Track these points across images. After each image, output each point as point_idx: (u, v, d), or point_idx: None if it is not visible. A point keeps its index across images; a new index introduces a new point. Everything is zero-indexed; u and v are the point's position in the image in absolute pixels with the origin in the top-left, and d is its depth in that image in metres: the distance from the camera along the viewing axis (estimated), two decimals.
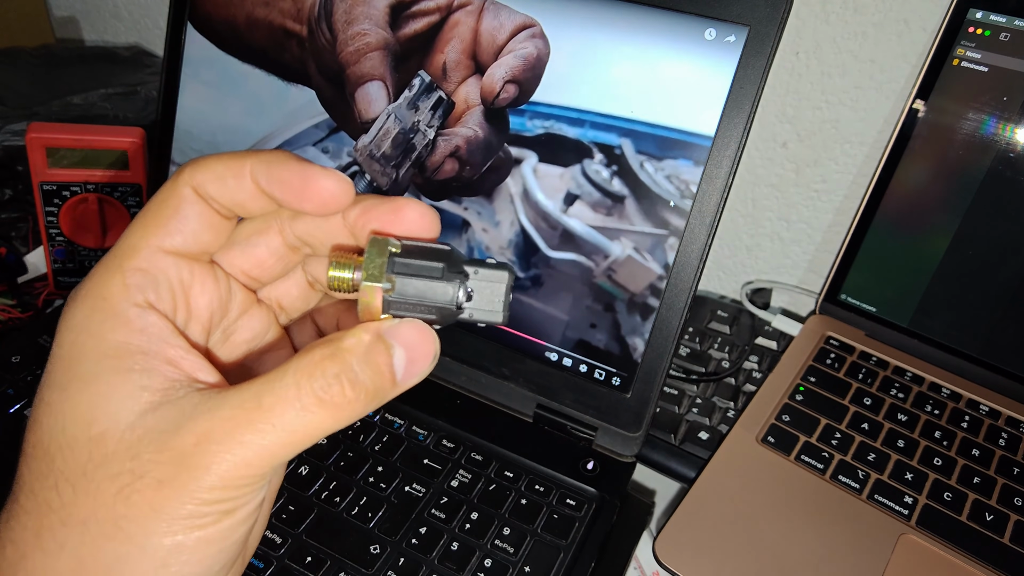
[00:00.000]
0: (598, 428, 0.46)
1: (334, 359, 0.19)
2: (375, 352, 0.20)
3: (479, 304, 0.21)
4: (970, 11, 0.49)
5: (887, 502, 0.44)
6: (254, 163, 0.21)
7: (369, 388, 0.20)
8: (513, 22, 0.43)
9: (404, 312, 0.21)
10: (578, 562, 0.40)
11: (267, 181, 0.21)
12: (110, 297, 0.20)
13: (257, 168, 0.21)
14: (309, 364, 0.19)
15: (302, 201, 0.21)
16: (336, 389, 0.19)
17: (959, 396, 0.51)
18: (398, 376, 0.20)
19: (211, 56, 0.52)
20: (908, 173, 0.53)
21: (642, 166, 0.43)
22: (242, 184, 0.21)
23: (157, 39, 0.88)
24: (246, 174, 0.21)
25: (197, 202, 0.21)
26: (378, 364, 0.20)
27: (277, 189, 0.21)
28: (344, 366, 0.19)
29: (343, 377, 0.19)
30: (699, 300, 0.63)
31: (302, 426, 0.19)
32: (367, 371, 0.20)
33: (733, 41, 0.39)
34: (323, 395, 0.19)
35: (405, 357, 0.20)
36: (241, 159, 0.21)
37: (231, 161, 0.21)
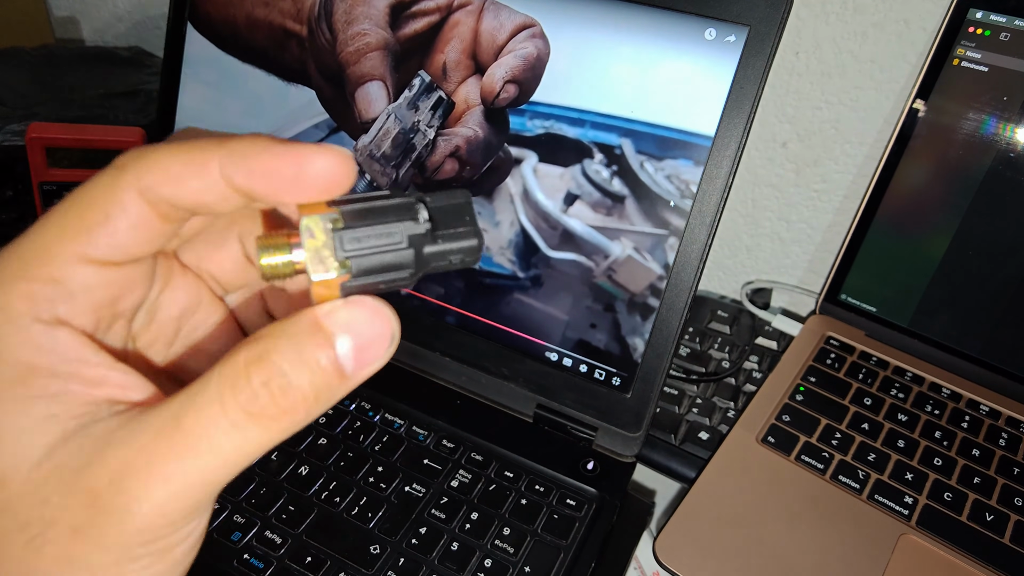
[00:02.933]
0: (598, 428, 0.46)
1: (260, 363, 0.16)
2: (310, 347, 0.16)
3: (450, 245, 0.18)
4: (970, 11, 0.49)
5: (887, 502, 0.44)
6: (223, 156, 0.17)
7: (308, 392, 0.16)
8: (513, 22, 0.43)
9: (364, 290, 0.18)
10: (578, 562, 0.40)
11: (245, 176, 0.17)
12: (9, 310, 0.16)
13: (229, 162, 0.17)
14: (232, 372, 0.16)
15: (296, 193, 0.17)
16: (265, 400, 0.16)
17: (959, 396, 0.51)
18: (347, 369, 0.17)
19: (211, 56, 0.52)
20: (908, 173, 0.53)
21: (642, 166, 0.43)
22: (207, 183, 0.17)
23: (157, 39, 0.88)
24: (213, 170, 0.17)
25: (139, 207, 0.17)
26: (316, 361, 0.16)
27: (260, 184, 0.17)
28: (273, 370, 0.16)
29: (272, 384, 0.16)
30: (699, 300, 0.63)
31: (233, 447, 0.16)
32: (303, 372, 0.16)
33: (733, 41, 0.39)
34: (252, 408, 0.16)
35: (352, 345, 0.17)
36: (204, 152, 0.17)
37: (190, 155, 0.17)
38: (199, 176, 0.17)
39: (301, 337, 0.16)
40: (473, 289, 0.48)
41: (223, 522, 0.40)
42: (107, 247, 0.17)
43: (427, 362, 0.50)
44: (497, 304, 0.47)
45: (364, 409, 0.47)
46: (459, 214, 0.18)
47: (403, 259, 0.17)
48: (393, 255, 0.17)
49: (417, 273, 0.18)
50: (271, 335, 0.16)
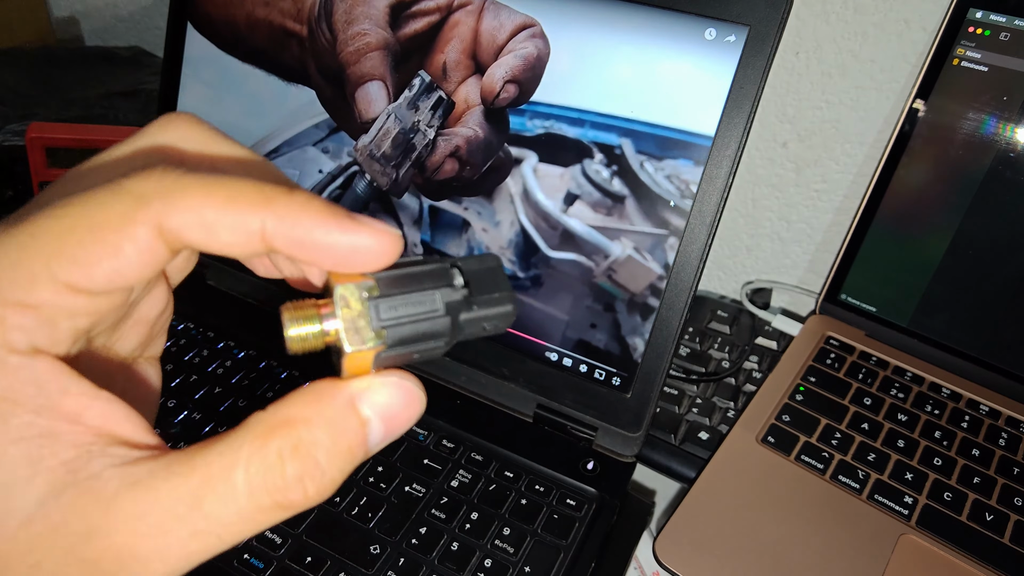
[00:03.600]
0: (598, 428, 0.46)
1: (296, 455, 0.15)
2: (347, 435, 0.16)
3: (485, 313, 0.18)
4: (970, 11, 0.49)
5: (887, 502, 0.44)
6: (269, 219, 0.16)
7: (337, 478, 0.16)
8: (513, 22, 0.43)
9: (399, 360, 0.17)
10: (578, 562, 0.40)
11: (292, 245, 0.16)
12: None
13: (275, 226, 0.16)
14: (265, 464, 0.15)
15: (339, 267, 0.16)
16: (298, 493, 0.15)
17: (959, 396, 0.51)
18: (371, 448, 0.16)
19: (211, 56, 0.52)
20: (908, 173, 0.53)
21: (642, 166, 0.43)
22: (242, 239, 0.16)
23: (157, 39, 0.88)
24: (252, 226, 0.16)
25: (154, 245, 0.16)
26: (350, 447, 0.16)
27: (305, 255, 0.16)
28: (309, 465, 0.15)
29: (307, 479, 0.15)
30: (699, 300, 0.63)
31: (250, 531, 0.15)
32: (336, 462, 0.16)
33: (733, 41, 0.39)
34: (282, 500, 0.15)
35: (383, 428, 0.16)
36: (247, 209, 0.16)
37: (231, 208, 0.16)
38: (236, 230, 0.16)
39: (337, 425, 0.16)
40: None
41: None
42: (104, 280, 0.16)
43: (427, 362, 0.50)
44: None
45: None
46: (493, 279, 0.18)
47: (440, 328, 0.17)
48: (430, 323, 0.17)
49: (452, 341, 0.17)
50: (305, 419, 0.15)
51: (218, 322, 0.52)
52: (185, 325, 0.52)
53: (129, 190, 0.16)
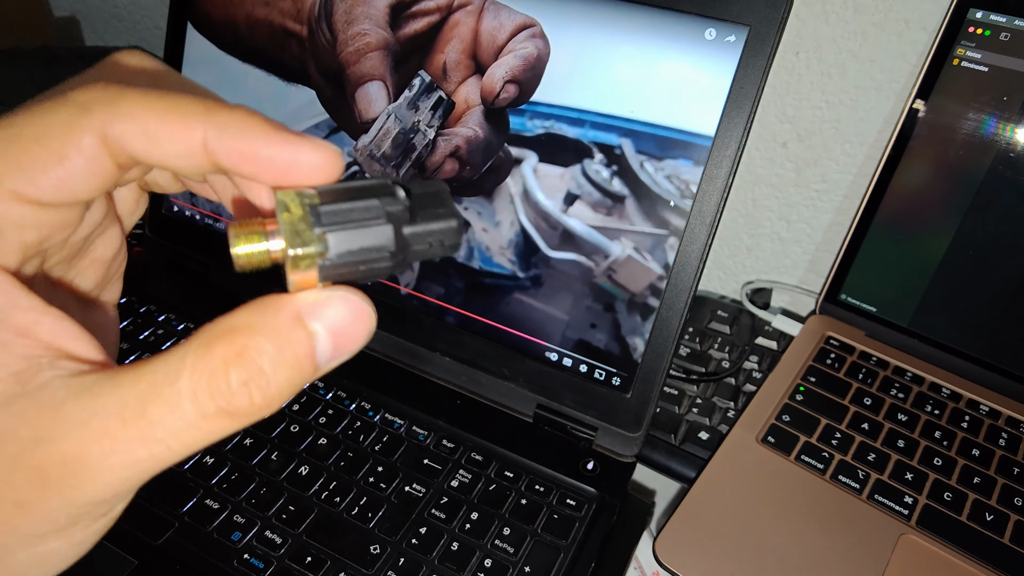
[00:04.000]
0: (598, 428, 0.46)
1: (241, 362, 0.15)
2: (293, 345, 0.16)
3: (428, 228, 0.17)
4: (970, 11, 0.49)
5: (887, 502, 0.44)
6: (211, 130, 0.16)
7: (285, 389, 0.16)
8: (513, 22, 0.43)
9: (345, 272, 0.17)
10: (578, 562, 0.40)
11: (235, 156, 0.16)
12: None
13: (218, 137, 0.16)
14: (208, 366, 0.15)
15: (282, 180, 0.17)
16: (243, 399, 0.15)
17: (959, 396, 0.51)
18: (320, 363, 0.16)
19: (211, 56, 0.52)
20: (908, 173, 0.53)
21: (642, 166, 0.43)
22: (186, 150, 0.16)
23: (157, 39, 0.88)
24: (196, 138, 0.16)
25: (98, 154, 0.16)
26: (297, 358, 0.16)
27: (248, 166, 0.16)
28: (254, 371, 0.15)
29: (252, 385, 0.15)
30: (699, 300, 0.63)
31: (200, 437, 0.15)
32: (283, 371, 0.16)
33: (733, 41, 0.39)
34: (228, 406, 0.15)
35: (331, 343, 0.16)
36: (188, 117, 0.16)
37: (172, 117, 0.16)
38: (178, 140, 0.16)
39: (283, 334, 0.16)
40: (473, 289, 0.48)
41: (223, 522, 0.40)
42: (51, 189, 0.16)
43: (427, 362, 0.50)
44: (497, 304, 0.47)
45: (364, 409, 0.48)
46: (437, 199, 0.18)
47: (382, 237, 0.17)
48: (372, 232, 0.17)
49: (398, 256, 0.17)
50: (250, 328, 0.15)
51: None
52: (186, 325, 0.52)
53: (73, 100, 0.16)
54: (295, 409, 0.47)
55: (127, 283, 0.23)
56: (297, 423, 0.46)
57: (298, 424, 0.46)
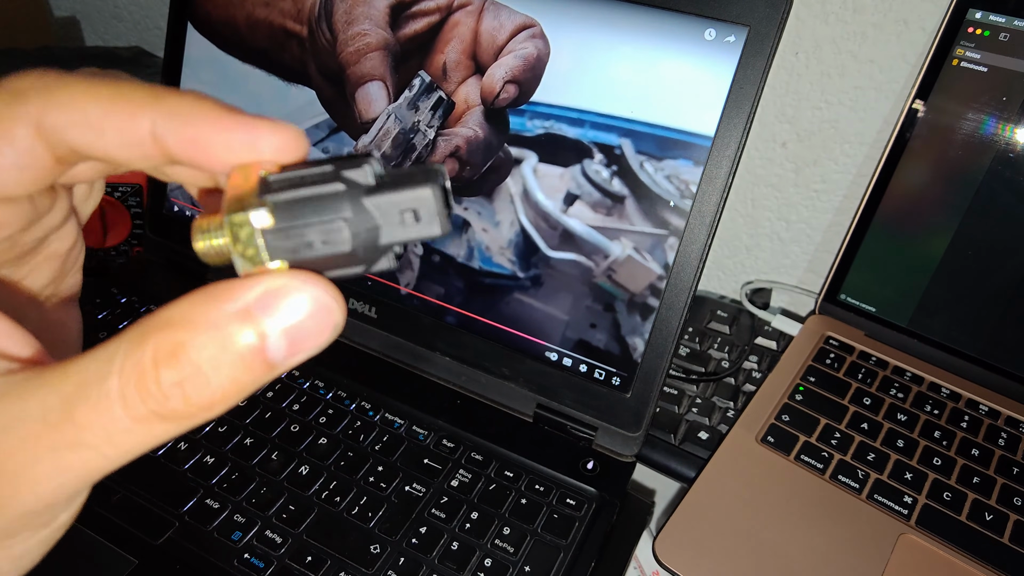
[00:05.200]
0: (598, 428, 0.46)
1: (173, 361, 0.13)
2: (236, 342, 0.13)
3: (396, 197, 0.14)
4: (969, 11, 0.49)
5: (887, 502, 0.44)
6: (160, 116, 0.14)
7: (230, 389, 0.14)
8: (513, 22, 0.43)
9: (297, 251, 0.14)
10: (578, 562, 0.40)
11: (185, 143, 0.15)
12: None
13: (166, 124, 0.15)
14: (137, 367, 0.13)
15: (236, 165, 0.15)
16: (178, 402, 0.13)
17: (959, 396, 0.51)
18: (274, 361, 0.14)
19: (211, 56, 0.52)
20: (908, 173, 0.53)
21: (642, 166, 0.43)
22: (131, 140, 0.15)
23: (157, 40, 0.88)
24: (142, 127, 0.15)
25: (32, 145, 0.15)
26: (243, 358, 0.13)
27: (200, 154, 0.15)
28: (189, 370, 0.13)
29: (188, 385, 0.13)
30: (699, 300, 0.63)
31: (134, 443, 0.14)
32: (224, 372, 0.13)
33: (733, 41, 0.39)
34: (161, 410, 0.13)
35: (286, 340, 0.14)
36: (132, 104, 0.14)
37: (116, 104, 0.14)
38: (123, 130, 0.14)
39: (226, 330, 0.13)
40: (473, 289, 0.48)
41: (223, 522, 0.40)
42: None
43: (427, 362, 0.50)
44: (497, 304, 0.47)
45: (364, 409, 0.48)
46: (420, 174, 0.15)
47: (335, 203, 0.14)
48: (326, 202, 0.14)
49: (359, 235, 0.14)
50: (187, 321, 0.13)
51: None
52: None
53: (5, 87, 0.15)
54: (295, 409, 0.47)
55: (128, 283, 0.22)
56: (297, 423, 0.46)
57: (298, 424, 0.46)
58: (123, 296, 0.54)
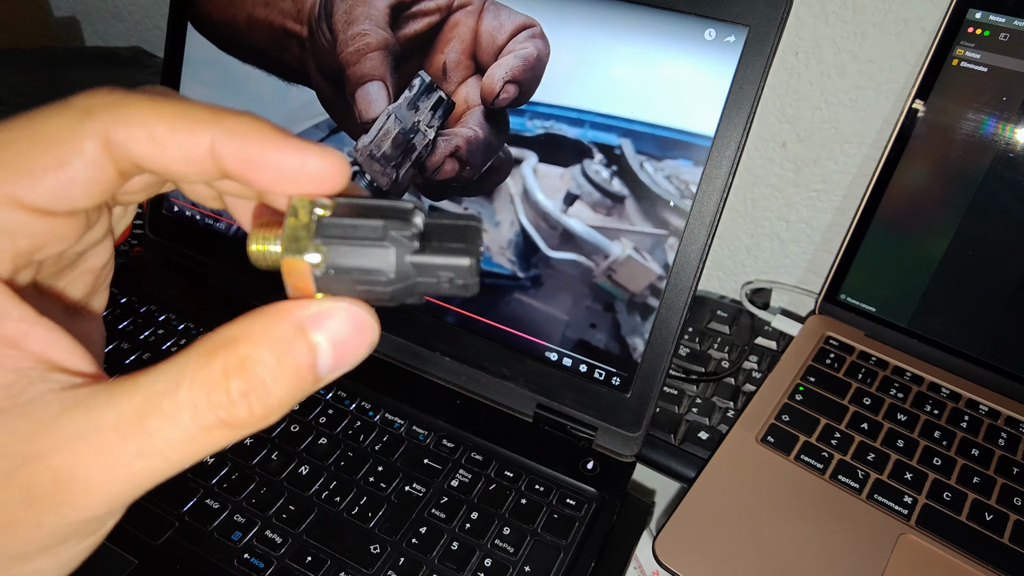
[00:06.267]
0: (598, 428, 0.46)
1: (241, 373, 0.15)
2: (294, 355, 0.15)
3: (437, 259, 0.16)
4: (969, 11, 0.49)
5: (887, 502, 0.44)
6: (220, 134, 0.16)
7: (286, 400, 0.15)
8: (513, 22, 0.43)
9: (341, 289, 0.16)
10: (578, 562, 0.40)
11: (241, 162, 0.16)
12: None
13: (225, 142, 0.16)
14: (208, 377, 0.14)
15: (289, 188, 0.16)
16: (244, 411, 0.15)
17: (958, 396, 0.51)
18: (321, 374, 0.16)
19: (211, 56, 0.52)
20: (908, 173, 0.53)
21: (642, 166, 0.43)
22: (192, 155, 0.16)
23: (157, 40, 0.88)
24: (202, 144, 0.16)
25: (100, 160, 0.16)
26: (298, 370, 0.15)
27: (254, 173, 0.16)
28: (254, 382, 0.15)
29: (252, 396, 0.15)
30: (699, 300, 0.63)
31: (196, 451, 0.15)
32: (283, 383, 0.15)
33: (733, 41, 0.39)
34: (228, 418, 0.15)
35: (332, 354, 0.16)
36: (194, 122, 0.16)
37: (178, 122, 0.16)
38: (185, 146, 0.16)
39: (285, 345, 0.15)
40: None
41: (223, 522, 0.40)
42: (49, 195, 0.15)
43: (427, 362, 0.50)
44: (497, 304, 0.47)
45: (364, 409, 0.48)
46: (459, 234, 0.16)
47: (382, 260, 0.16)
48: (371, 254, 0.16)
49: (397, 283, 0.16)
50: (250, 337, 0.15)
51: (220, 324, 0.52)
52: (186, 325, 0.52)
53: (75, 104, 0.15)
54: (295, 409, 0.47)
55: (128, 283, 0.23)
56: (297, 423, 0.46)
57: (298, 424, 0.46)
58: (123, 296, 0.54)
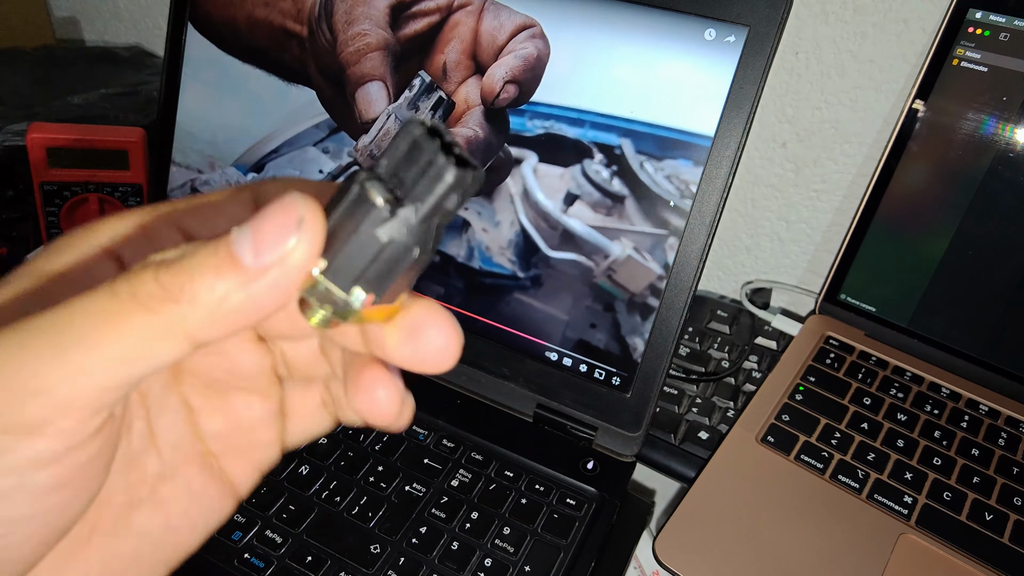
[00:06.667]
0: (598, 428, 0.46)
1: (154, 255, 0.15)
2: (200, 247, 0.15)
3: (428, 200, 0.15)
4: (970, 11, 0.49)
5: (887, 502, 0.44)
6: None
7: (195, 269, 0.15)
8: (513, 22, 0.43)
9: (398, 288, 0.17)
10: (578, 562, 0.40)
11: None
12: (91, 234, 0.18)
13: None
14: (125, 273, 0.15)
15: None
16: (149, 279, 0.15)
17: (958, 396, 0.51)
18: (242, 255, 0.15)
19: (211, 56, 0.52)
20: (908, 173, 0.53)
21: (642, 166, 0.43)
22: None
23: (157, 39, 0.88)
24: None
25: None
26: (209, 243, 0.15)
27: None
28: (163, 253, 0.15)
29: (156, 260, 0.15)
30: (699, 300, 0.63)
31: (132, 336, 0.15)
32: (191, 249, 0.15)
33: (733, 41, 0.39)
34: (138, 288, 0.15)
35: (250, 229, 0.15)
36: None
37: None
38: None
39: None
40: (473, 289, 0.48)
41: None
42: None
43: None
44: (497, 304, 0.47)
45: None
46: (415, 156, 0.15)
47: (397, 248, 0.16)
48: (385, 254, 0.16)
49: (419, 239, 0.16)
50: None
51: None
52: None
53: None
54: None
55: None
56: None
57: None
58: None
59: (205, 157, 0.54)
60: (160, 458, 0.20)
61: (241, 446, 0.21)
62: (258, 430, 0.21)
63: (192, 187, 0.55)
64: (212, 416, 0.20)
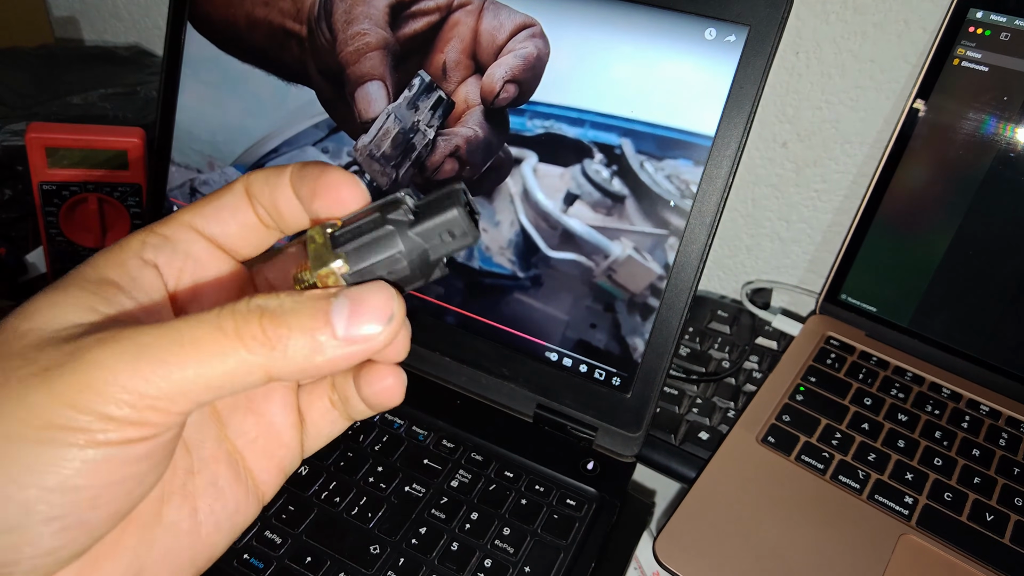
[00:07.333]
0: (598, 428, 0.46)
1: (258, 299, 0.18)
2: (311, 297, 0.18)
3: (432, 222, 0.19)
4: (970, 11, 0.49)
5: (887, 502, 0.44)
6: (292, 168, 0.22)
7: (294, 325, 0.18)
8: (513, 22, 0.43)
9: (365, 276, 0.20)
10: (578, 562, 0.40)
11: (298, 180, 0.21)
12: (125, 246, 0.21)
13: (293, 172, 0.22)
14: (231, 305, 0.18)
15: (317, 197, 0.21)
16: (254, 323, 0.18)
17: (959, 396, 0.51)
18: (337, 325, 0.18)
19: (211, 56, 0.52)
20: (908, 173, 0.53)
21: (642, 166, 0.43)
22: (280, 184, 0.22)
23: (157, 39, 0.88)
24: (285, 177, 0.21)
25: (243, 201, 0.22)
26: (312, 305, 0.18)
27: (304, 188, 0.21)
28: (267, 300, 0.18)
29: (267, 316, 0.18)
30: (699, 300, 0.63)
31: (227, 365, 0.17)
32: (294, 306, 0.18)
33: (733, 41, 0.39)
34: (239, 330, 0.17)
35: (348, 306, 0.18)
36: (284, 167, 0.22)
37: (276, 168, 0.22)
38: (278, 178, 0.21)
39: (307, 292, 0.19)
40: (473, 289, 0.48)
41: None
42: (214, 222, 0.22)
43: (427, 362, 0.50)
44: (497, 304, 0.47)
45: None
46: (445, 199, 0.20)
47: (391, 243, 0.19)
48: (381, 240, 0.19)
49: (411, 256, 0.20)
50: None
51: None
52: None
53: None
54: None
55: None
56: None
57: None
58: None
59: (204, 157, 0.54)
60: (189, 455, 0.22)
61: (265, 446, 0.24)
62: (281, 430, 0.24)
63: (191, 187, 0.55)
64: (238, 415, 0.23)
